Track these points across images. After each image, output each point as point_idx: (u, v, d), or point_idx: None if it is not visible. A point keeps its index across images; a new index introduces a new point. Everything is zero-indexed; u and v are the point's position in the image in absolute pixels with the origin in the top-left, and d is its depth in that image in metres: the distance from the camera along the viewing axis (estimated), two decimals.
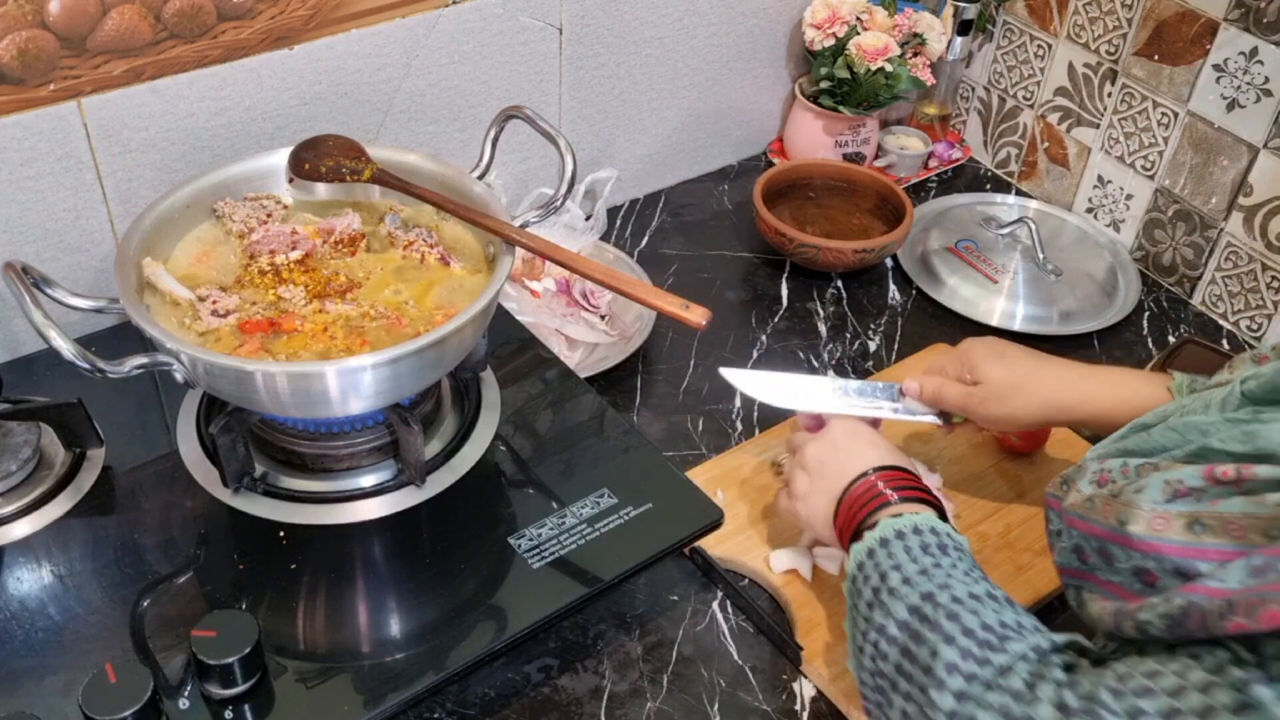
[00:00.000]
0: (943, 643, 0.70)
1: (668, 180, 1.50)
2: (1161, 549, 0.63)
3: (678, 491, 0.95)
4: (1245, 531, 0.60)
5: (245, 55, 1.06)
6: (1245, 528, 0.60)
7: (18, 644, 0.81)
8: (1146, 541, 0.64)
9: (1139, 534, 0.64)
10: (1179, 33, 1.30)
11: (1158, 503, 0.65)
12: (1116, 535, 0.66)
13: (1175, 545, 0.63)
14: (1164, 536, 0.63)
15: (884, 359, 1.25)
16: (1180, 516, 0.63)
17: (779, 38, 1.48)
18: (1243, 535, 0.60)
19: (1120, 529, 0.66)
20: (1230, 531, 0.61)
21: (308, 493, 0.93)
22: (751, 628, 0.96)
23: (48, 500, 0.91)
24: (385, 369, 0.83)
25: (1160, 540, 0.64)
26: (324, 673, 0.81)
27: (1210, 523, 0.62)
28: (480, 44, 1.21)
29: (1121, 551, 0.66)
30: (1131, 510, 0.66)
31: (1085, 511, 0.70)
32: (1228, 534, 0.61)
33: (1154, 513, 0.64)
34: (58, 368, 0.92)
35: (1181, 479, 0.65)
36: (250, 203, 0.99)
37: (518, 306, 1.17)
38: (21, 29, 0.94)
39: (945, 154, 1.58)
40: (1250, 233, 1.29)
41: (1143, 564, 0.65)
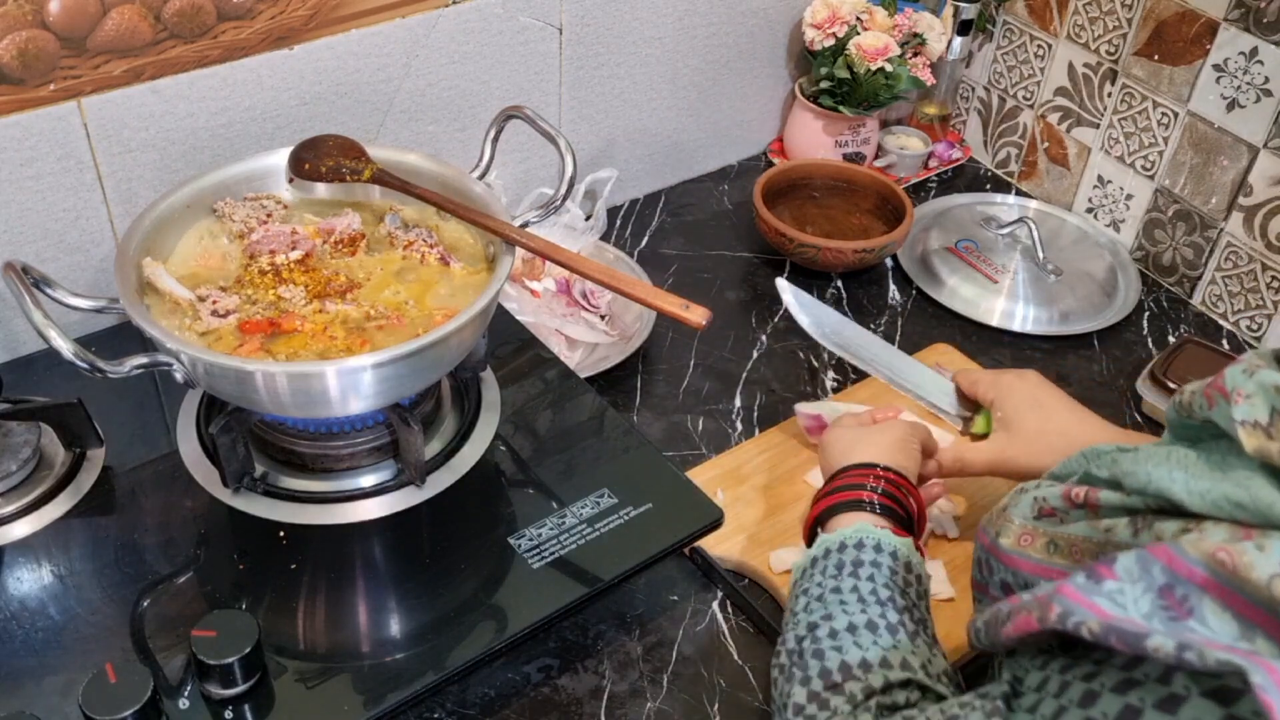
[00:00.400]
0: (798, 684, 0.73)
1: (668, 180, 1.50)
2: (1020, 564, 0.65)
3: (678, 491, 0.95)
4: (1082, 555, 0.62)
5: (245, 55, 1.06)
6: (1083, 551, 0.62)
7: (18, 644, 0.81)
8: (1010, 556, 0.66)
9: (1006, 547, 0.66)
10: (1179, 33, 1.30)
11: (1026, 518, 0.66)
12: (993, 547, 0.68)
13: (1031, 562, 0.65)
14: (1025, 553, 0.65)
15: None
16: (1043, 535, 0.65)
17: (779, 38, 1.48)
18: (1080, 558, 0.62)
19: (995, 540, 0.68)
20: (1073, 553, 0.62)
21: (308, 493, 0.93)
22: (751, 628, 0.96)
23: (48, 500, 0.91)
24: (385, 369, 0.83)
25: (1021, 556, 0.65)
26: (324, 673, 0.81)
27: (1061, 544, 0.63)
28: (480, 44, 1.21)
29: (996, 563, 0.68)
30: (1006, 524, 0.67)
31: (985, 524, 0.72)
32: (1070, 555, 0.62)
33: (1022, 528, 0.66)
34: (58, 368, 0.92)
35: (1047, 497, 0.66)
36: (250, 203, 0.99)
37: (518, 306, 1.17)
38: (21, 29, 0.94)
39: (945, 154, 1.58)
40: (1250, 233, 1.29)
41: (1005, 577, 0.66)
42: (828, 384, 1.21)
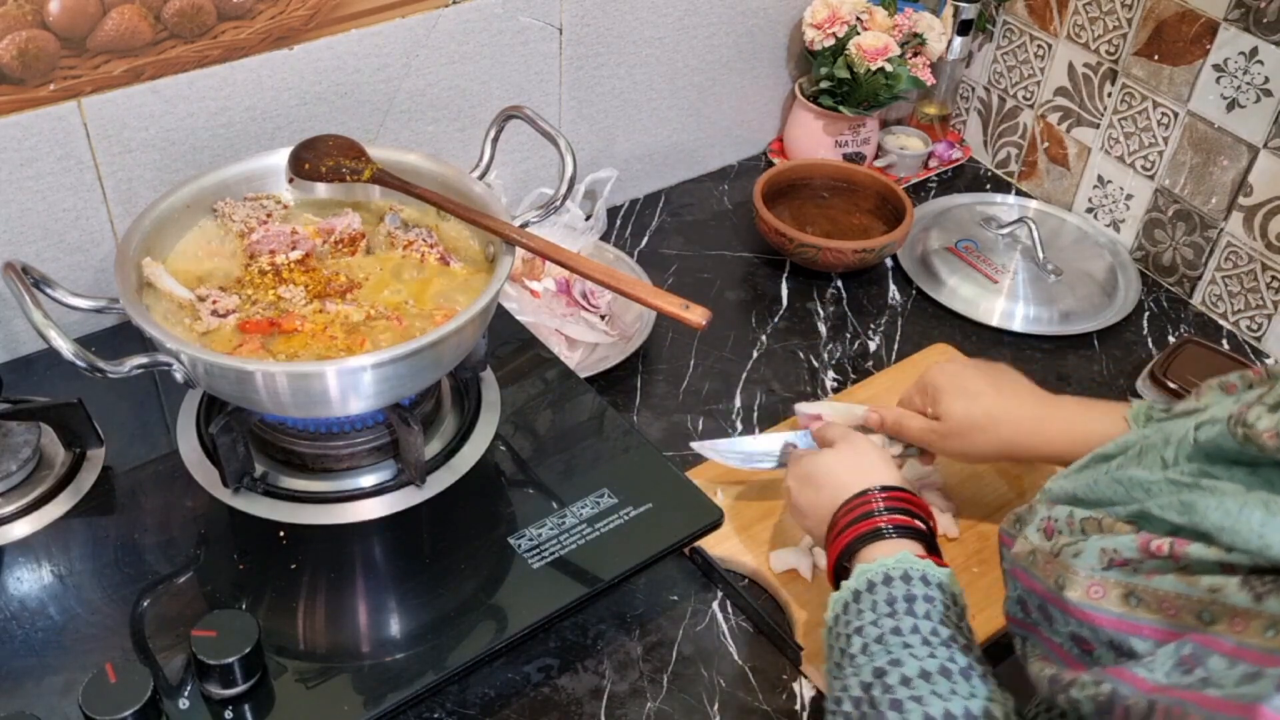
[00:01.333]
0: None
1: (668, 180, 1.50)
2: (1097, 619, 0.62)
3: (678, 491, 0.95)
4: (1179, 611, 0.58)
5: (245, 55, 1.06)
6: (1179, 607, 0.59)
7: (18, 644, 0.81)
8: (1082, 609, 0.63)
9: (1075, 600, 0.63)
10: (1179, 33, 1.30)
11: (1095, 570, 0.63)
12: (1054, 598, 0.65)
13: (1110, 617, 0.61)
14: (1099, 606, 0.62)
15: (884, 359, 1.25)
16: (1117, 585, 0.62)
17: (779, 38, 1.48)
18: (1175, 615, 0.59)
19: (1058, 592, 0.64)
20: (1164, 609, 0.59)
21: (308, 493, 0.93)
22: (751, 628, 0.96)
23: (48, 500, 0.91)
24: (385, 369, 0.83)
25: (1096, 610, 0.62)
26: (324, 673, 0.81)
27: (1144, 596, 0.60)
28: (480, 44, 1.21)
29: (1060, 615, 0.65)
30: (1069, 575, 0.64)
31: (1028, 565, 0.68)
32: (1161, 611, 0.59)
33: (1090, 579, 0.63)
34: (58, 368, 0.92)
35: (1117, 548, 0.63)
36: (250, 203, 0.99)
37: (518, 306, 1.17)
38: (21, 29, 0.94)
39: (945, 154, 1.58)
40: (1250, 233, 1.29)
41: (1079, 631, 0.63)
42: (828, 384, 1.21)
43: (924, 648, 0.74)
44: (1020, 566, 0.69)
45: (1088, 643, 0.63)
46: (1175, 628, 0.58)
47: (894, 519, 0.83)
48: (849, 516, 0.85)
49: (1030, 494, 1.08)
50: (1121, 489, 0.66)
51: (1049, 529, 0.69)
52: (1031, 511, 0.72)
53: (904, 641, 0.74)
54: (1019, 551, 0.70)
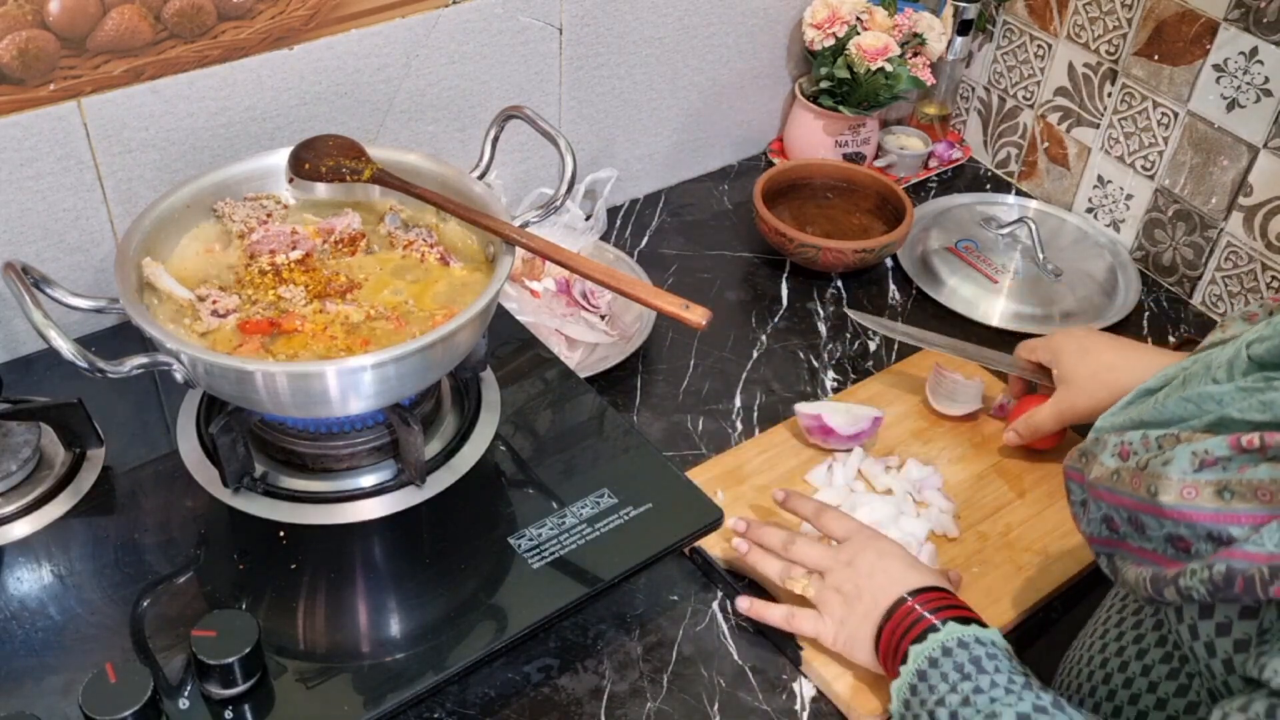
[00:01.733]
0: None
1: (668, 180, 1.50)
2: (1194, 516, 0.65)
3: (678, 491, 0.95)
4: (1273, 495, 0.62)
5: (245, 55, 1.06)
6: (1274, 491, 0.62)
7: (18, 644, 0.81)
8: (1179, 510, 0.66)
9: (1170, 503, 0.66)
10: (1179, 33, 1.30)
11: (1186, 473, 0.67)
12: (1148, 506, 0.68)
13: (1207, 512, 0.65)
14: (1195, 504, 0.65)
15: (884, 359, 1.25)
16: (1209, 484, 0.65)
17: (779, 38, 1.48)
18: (1271, 499, 0.62)
19: (1151, 499, 0.68)
20: (1259, 496, 0.63)
21: (308, 493, 0.93)
22: (751, 628, 0.96)
23: (48, 500, 0.91)
24: (385, 369, 0.83)
25: (1192, 508, 0.65)
26: (324, 673, 0.81)
27: (1239, 489, 0.64)
28: (480, 44, 1.21)
29: (1154, 520, 0.68)
30: (1161, 481, 0.67)
31: (1113, 484, 0.72)
32: (1257, 499, 0.63)
33: (1184, 482, 0.66)
34: (58, 368, 0.92)
35: (1208, 449, 0.66)
36: (250, 203, 0.99)
37: (518, 306, 1.17)
38: (21, 29, 0.94)
39: (945, 154, 1.58)
40: (1250, 233, 1.29)
41: (1175, 531, 0.67)
42: (828, 384, 1.21)
43: (1010, 696, 0.77)
44: (1102, 488, 0.73)
45: (1184, 540, 0.66)
46: (1271, 511, 0.62)
47: (942, 614, 0.85)
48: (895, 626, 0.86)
49: (1030, 493, 1.09)
50: (1192, 405, 0.71)
51: (1124, 452, 0.73)
52: (1098, 444, 0.75)
53: (990, 697, 0.77)
54: (1097, 476, 0.73)
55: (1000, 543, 1.04)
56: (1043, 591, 1.00)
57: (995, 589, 1.00)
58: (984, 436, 1.14)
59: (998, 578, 1.01)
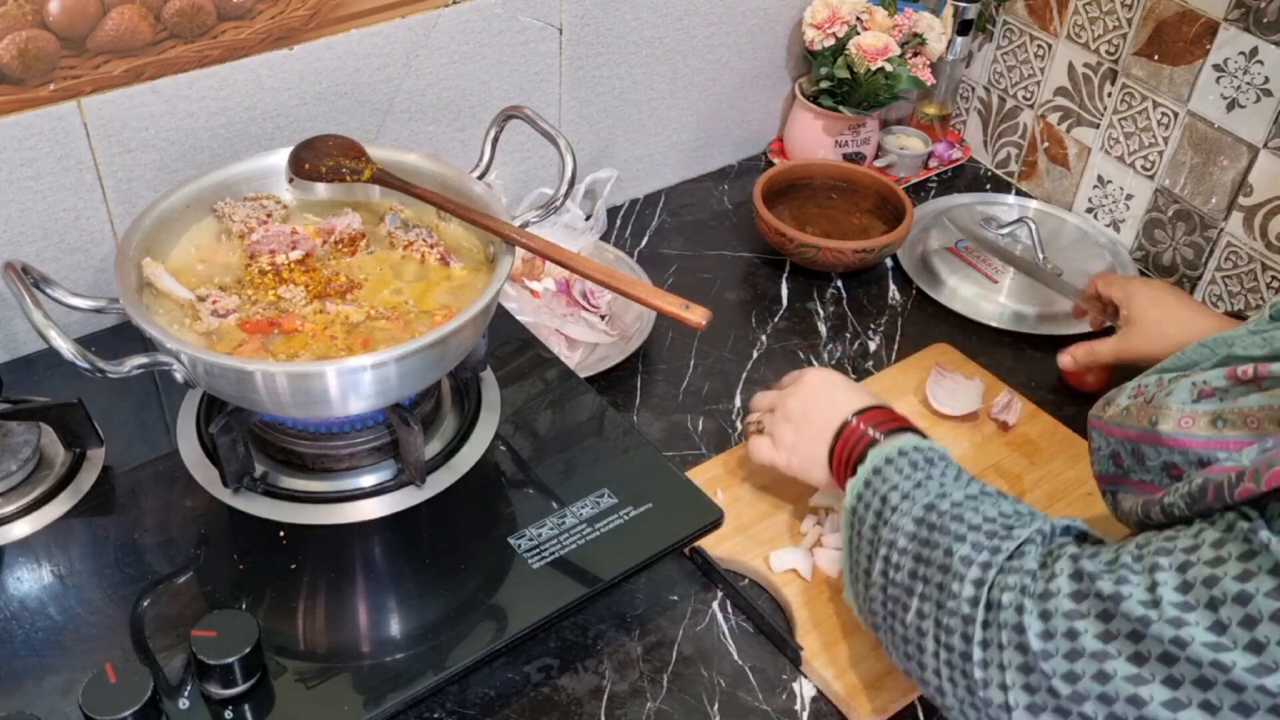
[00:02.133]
0: (954, 541, 0.75)
1: (668, 180, 1.50)
2: (1187, 443, 0.68)
3: (678, 491, 0.95)
4: (1261, 422, 0.65)
5: (245, 55, 1.06)
6: (1261, 419, 0.65)
7: (18, 644, 0.81)
8: (1175, 438, 0.69)
9: (1168, 431, 0.69)
10: (1179, 33, 1.30)
11: (1185, 403, 0.69)
12: (1148, 435, 0.71)
13: (1199, 440, 0.68)
14: (1190, 433, 0.68)
15: (884, 359, 1.25)
16: (1205, 415, 0.68)
17: (779, 38, 1.48)
18: (1259, 426, 0.65)
19: (1151, 429, 0.71)
20: (1248, 424, 0.66)
21: (308, 493, 0.93)
22: (751, 628, 0.96)
23: (48, 500, 0.91)
24: (385, 369, 0.83)
25: (1187, 436, 0.68)
26: (324, 673, 0.81)
27: (1231, 417, 0.67)
28: (480, 44, 1.21)
29: (1152, 450, 0.71)
30: (1162, 411, 0.70)
31: (1121, 419, 0.75)
32: (1246, 426, 0.66)
33: (1182, 412, 0.69)
34: (58, 368, 0.92)
35: (1207, 380, 0.69)
36: (250, 203, 0.99)
37: (518, 306, 1.17)
38: (21, 29, 0.94)
39: (945, 154, 1.58)
40: (1250, 233, 1.29)
41: (1170, 459, 0.69)
42: None
43: (958, 482, 0.81)
44: (1114, 424, 0.76)
45: (1177, 467, 0.69)
46: (1257, 436, 0.66)
47: (884, 427, 0.90)
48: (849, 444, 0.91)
49: (1030, 494, 1.08)
50: (1206, 350, 0.74)
51: (1140, 393, 0.76)
52: (1120, 390, 0.79)
53: (940, 484, 0.81)
54: (1111, 415, 0.77)
55: None
56: None
57: None
58: (984, 436, 1.14)
59: None
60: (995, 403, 1.17)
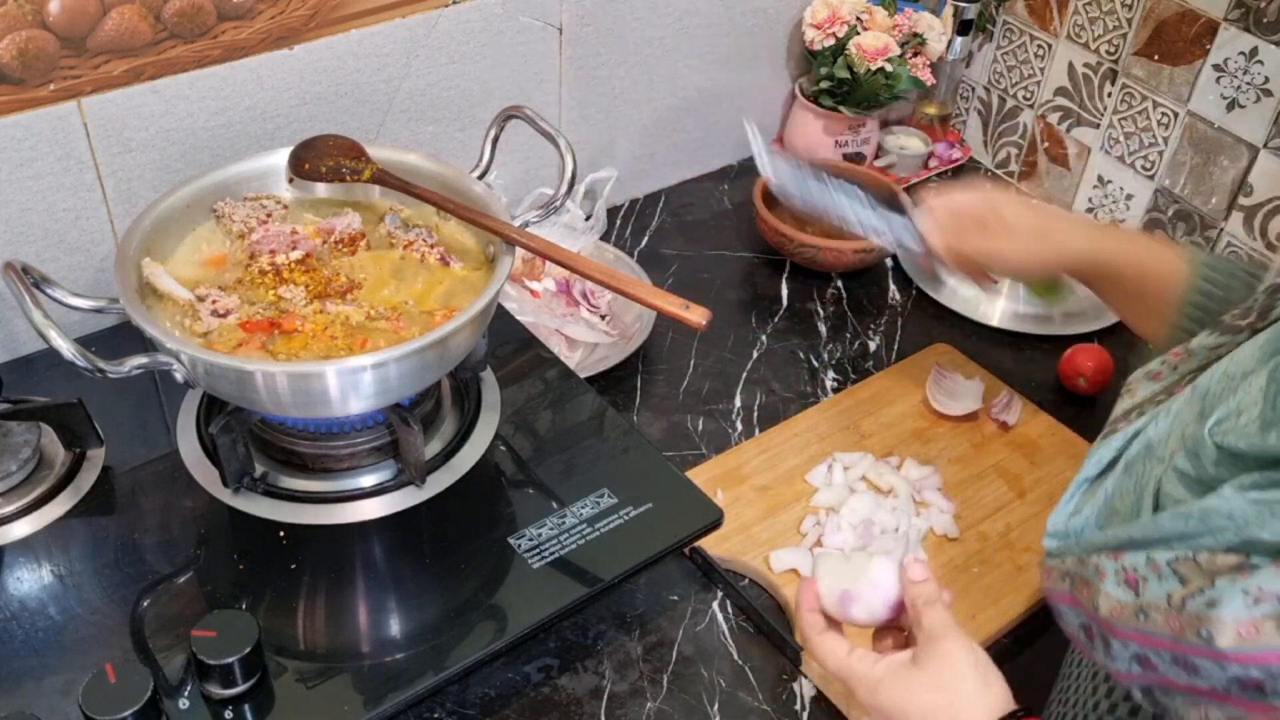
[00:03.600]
0: None
1: (668, 180, 1.50)
2: (1263, 658, 0.60)
3: (678, 491, 0.95)
4: None
5: (245, 55, 1.06)
6: None
7: (18, 644, 0.81)
8: (1244, 653, 0.60)
9: (1232, 647, 0.61)
10: (1179, 33, 1.30)
11: (1240, 613, 0.61)
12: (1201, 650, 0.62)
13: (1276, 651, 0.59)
14: (1260, 645, 0.60)
15: (884, 359, 1.25)
16: (1269, 619, 0.60)
17: (779, 38, 1.48)
18: None
19: (1206, 644, 0.62)
20: None
21: (308, 493, 0.93)
22: (751, 628, 0.96)
23: (48, 500, 0.91)
24: (385, 369, 0.83)
25: (1257, 650, 0.60)
26: (324, 673, 0.81)
27: None
28: (480, 44, 1.21)
29: (1212, 664, 0.62)
30: (1214, 625, 0.61)
31: (1140, 625, 0.65)
32: None
33: (1239, 622, 0.61)
34: (58, 368, 0.92)
35: (1260, 585, 0.61)
36: (250, 203, 0.99)
37: (518, 306, 1.17)
38: (21, 29, 0.94)
39: (945, 154, 1.58)
40: (1250, 233, 1.29)
41: (1244, 674, 0.61)
42: (828, 384, 1.21)
43: None
44: (1128, 628, 0.66)
45: (1255, 680, 0.61)
46: None
47: None
48: None
49: (1030, 494, 1.08)
50: (1195, 522, 0.64)
51: (1131, 580, 0.66)
52: (1086, 565, 0.69)
53: None
54: (1112, 612, 0.67)
55: (1000, 543, 1.04)
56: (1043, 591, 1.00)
57: (995, 589, 1.00)
58: (984, 436, 1.14)
59: (998, 578, 1.01)
60: (995, 403, 1.17)
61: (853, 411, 1.16)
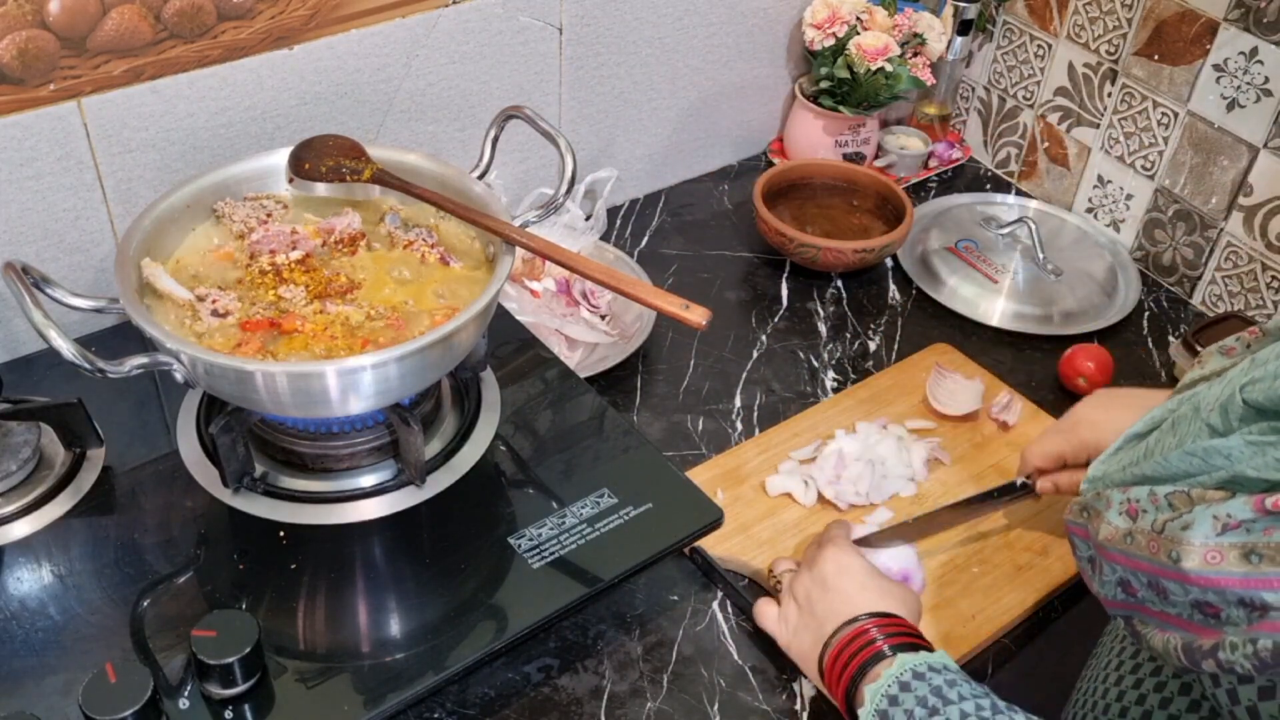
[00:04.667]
0: None
1: (668, 180, 1.50)
2: (1221, 582, 0.63)
3: (678, 491, 0.95)
4: None
5: (245, 55, 1.06)
6: None
7: (18, 644, 0.81)
8: (1205, 576, 0.63)
9: (1195, 569, 0.64)
10: (1179, 33, 1.30)
11: (1209, 537, 0.64)
12: (1169, 571, 0.66)
13: (1235, 577, 0.62)
14: (1221, 569, 0.63)
15: (884, 359, 1.25)
16: (1234, 548, 0.63)
17: (779, 38, 1.48)
18: None
19: (1174, 565, 0.65)
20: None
21: (308, 493, 0.93)
22: (751, 628, 0.96)
23: (48, 500, 0.91)
24: (385, 369, 0.83)
25: (1218, 574, 0.63)
26: (324, 673, 0.81)
27: (1266, 552, 0.61)
28: (480, 44, 1.21)
29: (1178, 586, 0.66)
30: (1183, 547, 0.65)
31: (1126, 547, 0.69)
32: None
33: (1206, 546, 0.64)
34: (58, 368, 0.92)
35: (1230, 512, 0.64)
36: (250, 203, 0.99)
37: (518, 306, 1.17)
38: (21, 29, 0.94)
39: (945, 154, 1.58)
40: (1250, 233, 1.29)
41: (1202, 597, 0.64)
42: (828, 384, 1.21)
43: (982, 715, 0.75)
44: (1115, 550, 0.70)
45: (1213, 606, 0.64)
46: None
47: (892, 640, 0.82)
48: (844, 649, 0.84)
49: None
50: (1198, 460, 0.67)
51: (1132, 510, 0.70)
52: (1100, 499, 0.73)
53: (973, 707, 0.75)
54: (1107, 536, 0.71)
55: (1000, 543, 1.04)
56: (1042, 591, 1.00)
57: (995, 589, 1.00)
58: (984, 436, 1.14)
59: (997, 577, 1.01)
60: (995, 403, 1.17)
61: (853, 411, 1.16)
